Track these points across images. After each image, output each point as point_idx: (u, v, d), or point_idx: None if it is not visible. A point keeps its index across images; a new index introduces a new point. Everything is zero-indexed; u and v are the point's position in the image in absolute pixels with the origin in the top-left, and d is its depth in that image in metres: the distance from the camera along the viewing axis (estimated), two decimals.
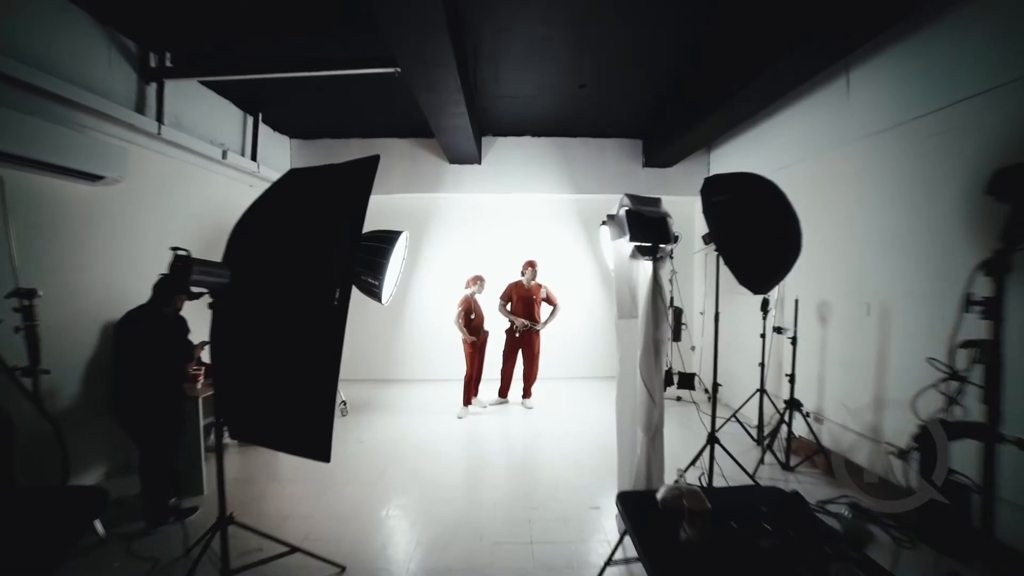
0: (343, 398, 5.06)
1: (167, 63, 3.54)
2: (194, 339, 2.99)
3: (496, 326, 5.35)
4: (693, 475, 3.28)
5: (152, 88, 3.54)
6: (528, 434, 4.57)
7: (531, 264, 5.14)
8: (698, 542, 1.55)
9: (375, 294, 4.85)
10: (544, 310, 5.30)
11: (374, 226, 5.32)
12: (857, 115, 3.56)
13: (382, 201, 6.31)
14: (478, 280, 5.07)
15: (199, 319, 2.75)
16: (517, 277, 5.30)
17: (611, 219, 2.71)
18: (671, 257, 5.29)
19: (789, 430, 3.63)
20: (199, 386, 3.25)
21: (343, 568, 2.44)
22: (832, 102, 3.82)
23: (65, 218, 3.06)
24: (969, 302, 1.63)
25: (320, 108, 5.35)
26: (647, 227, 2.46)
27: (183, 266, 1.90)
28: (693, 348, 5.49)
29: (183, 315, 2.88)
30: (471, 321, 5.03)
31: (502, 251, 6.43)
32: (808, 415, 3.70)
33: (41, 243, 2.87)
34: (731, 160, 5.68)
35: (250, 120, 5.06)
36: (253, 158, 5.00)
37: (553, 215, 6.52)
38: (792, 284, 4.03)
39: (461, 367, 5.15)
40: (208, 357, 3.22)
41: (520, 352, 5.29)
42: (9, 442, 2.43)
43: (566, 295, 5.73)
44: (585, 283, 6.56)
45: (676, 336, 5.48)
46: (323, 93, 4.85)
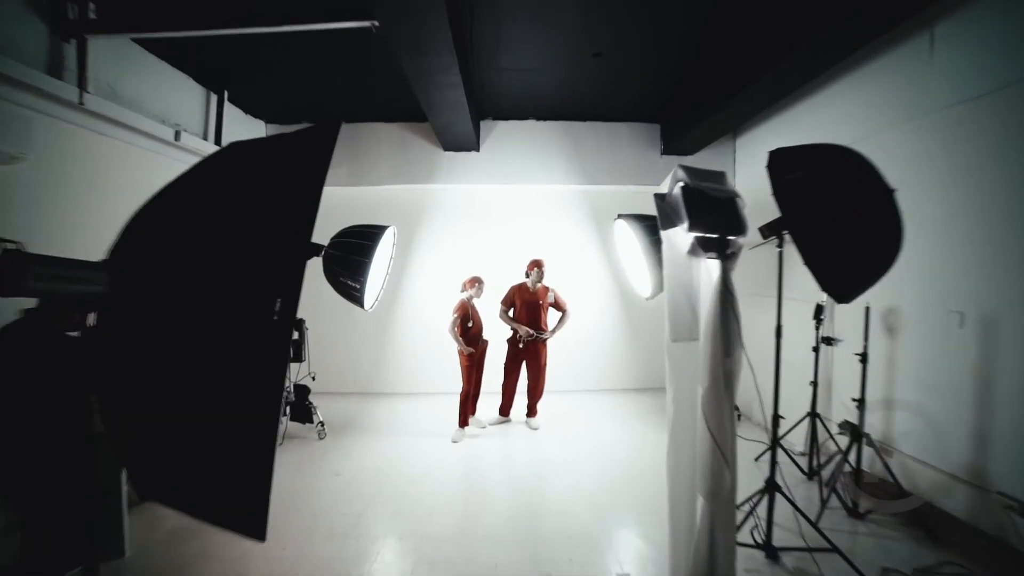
0: (320, 418, 4.39)
1: (90, 14, 2.86)
2: None
3: (497, 335, 4.68)
4: (746, 528, 2.62)
5: (71, 47, 2.87)
6: (534, 462, 3.91)
7: (537, 264, 4.48)
8: None
9: (356, 298, 4.18)
10: (551, 317, 4.64)
11: (359, 221, 4.64)
12: (942, 79, 2.89)
13: (368, 193, 5.65)
14: (476, 282, 4.41)
15: None
16: (520, 279, 4.64)
17: (661, 202, 2.03)
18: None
19: (857, 466, 2.96)
20: None
21: None
22: (907, 66, 3.16)
23: None
24: None
25: (297, 88, 4.69)
26: (712, 211, 1.81)
27: (11, 265, 1.23)
28: None
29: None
30: (468, 330, 4.37)
31: (503, 249, 5.77)
32: (876, 445, 3.04)
33: None
34: (762, 146, 5.02)
35: (214, 99, 4.40)
36: (217, 142, 4.33)
37: (560, 209, 5.86)
38: None
39: (456, 381, 4.49)
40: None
41: (524, 365, 4.63)
42: None
43: (575, 298, 5.06)
44: (596, 285, 5.90)
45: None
46: (299, 70, 4.19)
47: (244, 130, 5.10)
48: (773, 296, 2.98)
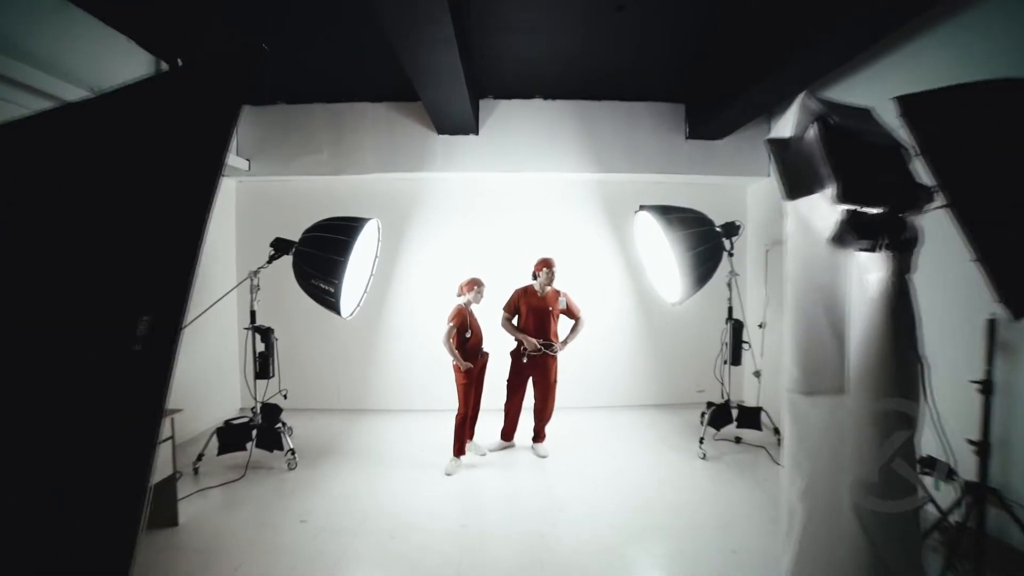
0: (291, 445, 3.72)
1: None
2: None
3: (499, 347, 4.02)
4: None
5: None
6: (542, 500, 3.24)
7: (546, 264, 3.81)
8: None
9: (331, 304, 3.52)
10: (563, 325, 3.96)
11: (340, 214, 4.03)
12: None
13: (352, 183, 4.99)
14: (475, 285, 3.74)
15: None
16: (527, 281, 3.98)
17: (782, 151, 1.30)
18: (730, 255, 3.99)
19: (980, 532, 2.26)
20: None
21: None
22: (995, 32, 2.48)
23: None
24: None
25: (270, 62, 4.03)
26: (877, 168, 1.11)
27: None
28: (757, 374, 4.19)
29: None
30: (466, 341, 3.71)
31: (506, 247, 5.10)
32: (1011, 506, 2.35)
33: None
34: None
35: (164, 68, 3.73)
36: None
37: (571, 200, 5.18)
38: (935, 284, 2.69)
39: (451, 400, 3.82)
40: None
41: (531, 382, 3.96)
42: None
43: (587, 303, 4.37)
44: (611, 287, 5.22)
45: (735, 359, 4.15)
46: (271, 40, 3.53)
47: None
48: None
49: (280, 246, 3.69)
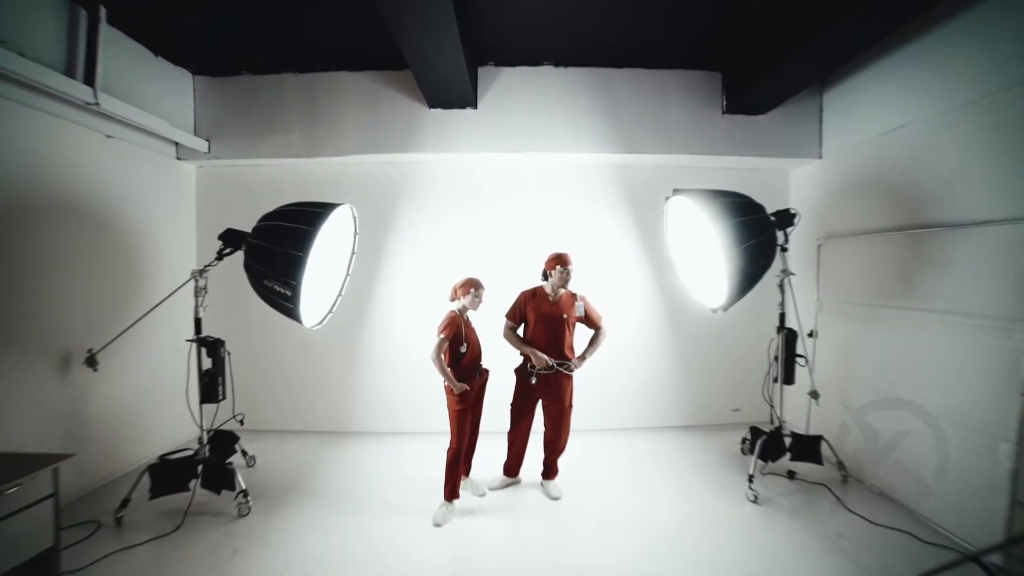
0: (243, 485, 3.00)
1: None
2: None
3: (501, 362, 3.30)
4: None
5: None
6: (557, 558, 2.51)
7: (560, 260, 3.09)
8: None
9: (287, 309, 2.80)
10: (579, 336, 3.23)
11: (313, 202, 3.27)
12: None
13: (329, 167, 4.29)
14: (471, 288, 3.02)
15: None
16: (535, 282, 3.25)
17: None
18: (784, 250, 3.27)
19: None
20: None
21: None
22: None
23: None
24: None
25: (232, 25, 3.39)
26: None
27: None
28: (815, 396, 3.44)
29: None
30: (461, 357, 2.99)
31: (510, 242, 4.38)
32: None
33: None
34: (865, 101, 3.60)
35: (83, 18, 3.01)
36: (89, 81, 2.95)
37: (585, 187, 4.45)
38: None
39: (443, 424, 3.11)
40: None
41: (541, 405, 3.24)
42: None
43: (606, 309, 3.63)
44: (631, 289, 4.49)
45: (787, 377, 3.42)
46: None
47: (164, 82, 3.73)
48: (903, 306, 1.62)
49: (230, 239, 2.97)
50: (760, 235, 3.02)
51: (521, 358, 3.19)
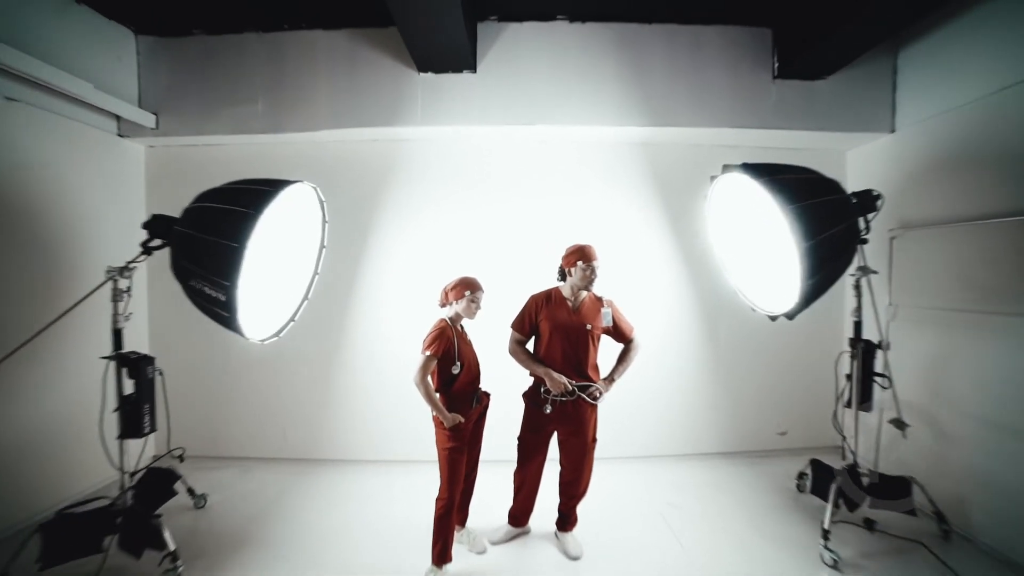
0: (172, 546, 2.32)
1: None
2: None
3: (505, 385, 2.62)
4: None
5: None
6: None
7: (584, 255, 2.40)
8: None
9: (222, 318, 2.12)
10: (603, 352, 2.54)
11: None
12: None
13: (298, 145, 3.62)
14: (466, 290, 2.34)
15: None
16: (550, 283, 2.57)
17: None
18: (863, 242, 2.58)
19: None
20: None
21: None
22: None
23: None
24: None
25: None
26: None
27: None
28: (900, 425, 2.74)
29: None
30: (453, 380, 2.31)
31: (515, 234, 3.70)
32: None
33: None
34: (954, 58, 2.90)
35: None
36: None
37: (605, 169, 3.75)
38: None
39: (430, 455, 2.43)
40: None
41: (556, 439, 2.55)
42: None
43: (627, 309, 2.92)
44: (658, 289, 3.79)
45: (864, 399, 2.72)
46: None
47: (97, 42, 3.07)
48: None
49: (158, 228, 2.29)
50: (841, 221, 2.33)
51: (532, 379, 2.51)
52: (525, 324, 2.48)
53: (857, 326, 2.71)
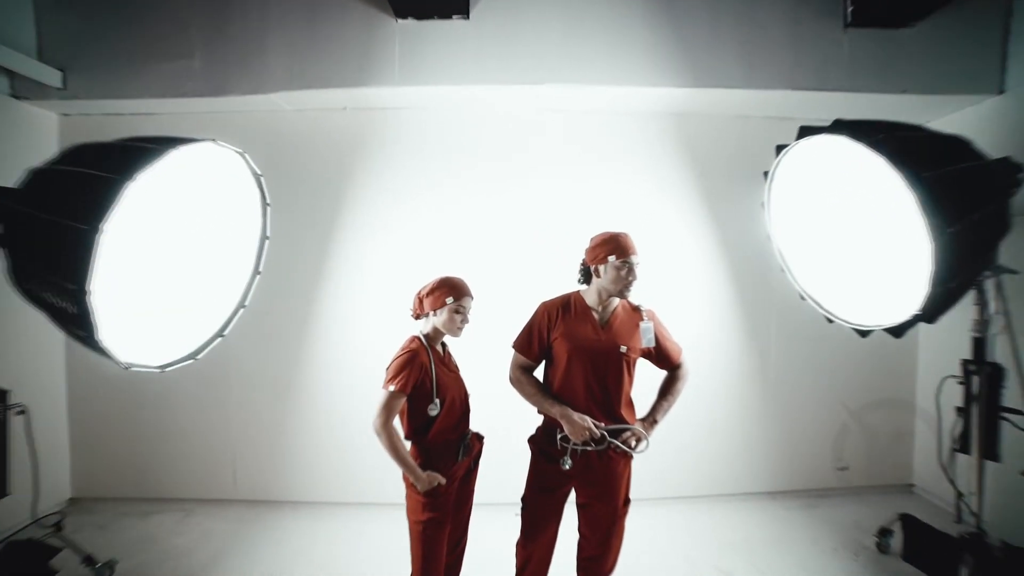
0: None
1: None
2: None
3: (503, 425, 1.93)
4: None
5: None
6: None
7: (619, 246, 1.71)
8: None
9: (77, 336, 1.41)
10: (632, 381, 1.84)
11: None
12: None
13: (248, 113, 2.93)
14: (448, 294, 1.64)
15: None
16: (567, 287, 1.87)
17: None
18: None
19: None
20: None
21: None
22: None
23: None
24: None
25: None
26: None
27: None
28: None
29: None
30: (429, 424, 1.61)
31: (518, 223, 3.01)
32: None
33: None
34: None
35: None
36: None
37: (629, 144, 3.05)
38: None
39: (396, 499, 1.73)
40: None
41: (576, 503, 1.84)
42: None
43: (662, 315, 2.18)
44: (697, 296, 3.09)
45: (991, 446, 2.02)
46: None
47: None
48: None
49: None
50: (990, 200, 1.64)
51: (543, 420, 1.81)
52: (533, 344, 1.77)
53: (977, 343, 2.01)
